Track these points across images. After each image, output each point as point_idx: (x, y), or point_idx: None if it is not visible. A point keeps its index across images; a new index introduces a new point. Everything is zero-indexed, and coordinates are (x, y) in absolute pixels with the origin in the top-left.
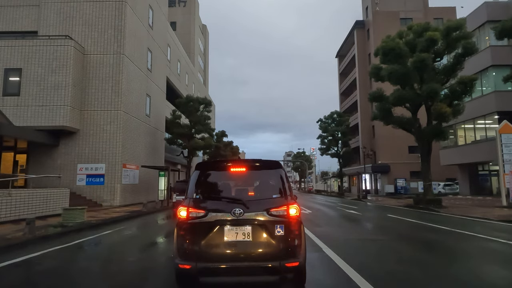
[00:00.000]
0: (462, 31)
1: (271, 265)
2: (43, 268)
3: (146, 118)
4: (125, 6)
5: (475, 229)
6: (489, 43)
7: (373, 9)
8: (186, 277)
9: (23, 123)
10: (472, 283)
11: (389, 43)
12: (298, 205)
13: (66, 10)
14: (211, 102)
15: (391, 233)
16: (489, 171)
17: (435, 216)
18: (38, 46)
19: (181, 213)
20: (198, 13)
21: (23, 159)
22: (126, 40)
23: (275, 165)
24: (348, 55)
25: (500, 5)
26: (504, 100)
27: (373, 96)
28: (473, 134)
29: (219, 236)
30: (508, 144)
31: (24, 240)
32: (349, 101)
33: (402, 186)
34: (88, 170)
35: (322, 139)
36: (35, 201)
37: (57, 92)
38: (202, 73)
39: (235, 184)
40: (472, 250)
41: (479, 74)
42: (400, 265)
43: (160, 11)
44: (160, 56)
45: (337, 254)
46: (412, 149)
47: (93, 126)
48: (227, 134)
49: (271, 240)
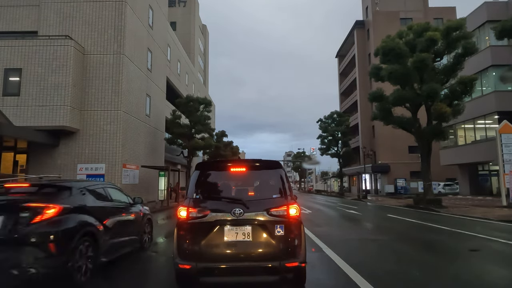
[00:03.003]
0: (462, 31)
1: (271, 265)
2: None
3: (146, 118)
4: (125, 6)
5: (475, 229)
6: (489, 43)
7: (373, 9)
8: (186, 277)
9: (23, 123)
10: (472, 283)
11: (389, 43)
12: (298, 205)
13: (66, 10)
14: (211, 102)
15: (391, 233)
16: (489, 171)
17: (435, 216)
18: (38, 46)
19: (181, 213)
20: (198, 13)
21: (23, 159)
22: (126, 40)
23: (275, 165)
24: (348, 55)
25: (500, 5)
26: (504, 100)
27: (373, 96)
28: (473, 134)
29: (219, 236)
30: (508, 144)
31: None
32: (349, 101)
33: (402, 186)
34: (88, 170)
35: (322, 139)
36: None
37: (57, 92)
38: (202, 73)
39: (235, 184)
40: (472, 250)
41: (479, 74)
42: (400, 265)
43: (160, 11)
44: (160, 56)
45: (337, 254)
46: (412, 149)
47: (93, 126)
48: (227, 134)
49: (271, 240)
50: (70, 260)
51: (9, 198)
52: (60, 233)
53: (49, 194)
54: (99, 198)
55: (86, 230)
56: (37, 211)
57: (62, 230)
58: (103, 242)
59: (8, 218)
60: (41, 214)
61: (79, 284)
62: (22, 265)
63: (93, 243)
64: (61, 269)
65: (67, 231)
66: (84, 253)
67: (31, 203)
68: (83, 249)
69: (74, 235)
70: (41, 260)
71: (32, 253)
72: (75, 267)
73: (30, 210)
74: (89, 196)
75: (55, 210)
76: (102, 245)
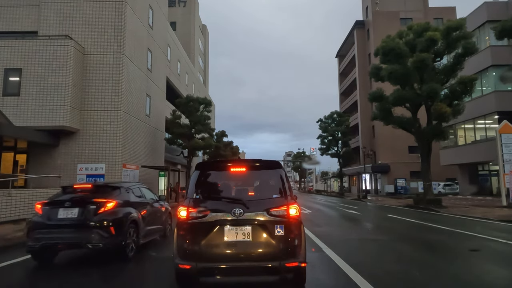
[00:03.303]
0: (462, 31)
1: (271, 265)
2: (43, 268)
3: (146, 118)
4: (125, 6)
5: (475, 229)
6: (489, 43)
7: (373, 9)
8: (186, 277)
9: (23, 123)
10: (472, 283)
11: (389, 43)
12: (298, 205)
13: (66, 10)
14: (211, 102)
15: (391, 233)
16: (489, 171)
17: (435, 216)
18: (38, 46)
19: (181, 213)
20: (198, 13)
21: (23, 159)
22: (126, 40)
23: (275, 165)
24: (348, 55)
25: (500, 5)
26: (504, 100)
27: (373, 96)
28: (473, 134)
29: (219, 236)
30: (508, 144)
31: (24, 240)
32: (349, 101)
33: (402, 186)
34: (88, 170)
35: (322, 139)
36: (35, 201)
37: (57, 92)
38: (202, 73)
39: (235, 184)
40: (472, 250)
41: (479, 74)
42: (400, 265)
43: (160, 11)
44: (160, 56)
45: (337, 254)
46: (412, 149)
47: (93, 126)
48: (227, 134)
49: (271, 240)
50: (124, 240)
51: (81, 195)
52: (117, 220)
53: (107, 192)
54: (137, 195)
55: (132, 218)
56: (101, 204)
57: (118, 218)
58: (141, 228)
59: (83, 210)
60: (104, 207)
61: (129, 257)
62: (93, 242)
63: (136, 228)
64: (118, 246)
65: (121, 219)
66: (131, 235)
67: (97, 198)
68: (131, 232)
69: (125, 222)
70: (105, 238)
71: (99, 234)
72: (126, 245)
73: (97, 204)
74: (131, 194)
75: (113, 204)
76: (141, 231)
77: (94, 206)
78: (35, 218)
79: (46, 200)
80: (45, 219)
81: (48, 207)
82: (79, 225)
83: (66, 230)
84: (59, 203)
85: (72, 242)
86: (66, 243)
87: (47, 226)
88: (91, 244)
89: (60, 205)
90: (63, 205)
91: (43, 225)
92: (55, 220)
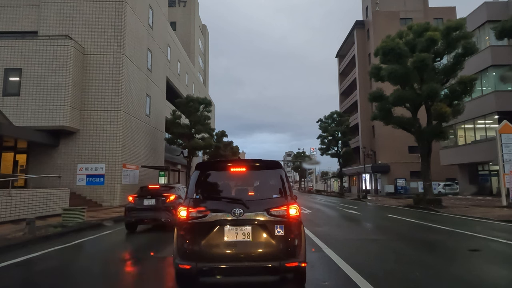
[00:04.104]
0: (462, 31)
1: (271, 265)
2: (43, 268)
3: (146, 118)
4: (125, 6)
5: (475, 229)
6: (489, 43)
7: (373, 9)
8: (186, 277)
9: (23, 123)
10: (472, 283)
11: (389, 43)
12: (298, 205)
13: (66, 10)
14: (211, 102)
15: (391, 233)
16: (489, 171)
17: (435, 216)
18: (38, 46)
19: (181, 213)
20: (198, 13)
21: (23, 159)
22: (126, 40)
23: (275, 165)
24: (348, 55)
25: (500, 5)
26: (504, 100)
27: (373, 96)
28: (473, 134)
29: (219, 236)
30: (508, 144)
31: (24, 240)
32: (349, 101)
33: (402, 186)
34: (88, 170)
35: (322, 139)
36: (35, 201)
37: (57, 92)
38: (202, 73)
39: (235, 184)
40: (472, 250)
41: (479, 74)
42: (400, 265)
43: (160, 11)
44: (160, 56)
45: (337, 254)
46: (412, 149)
47: (93, 126)
48: (227, 134)
49: (271, 240)
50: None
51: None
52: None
53: (168, 190)
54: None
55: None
56: (167, 197)
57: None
58: None
59: (157, 200)
60: (168, 198)
61: None
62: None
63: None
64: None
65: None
66: None
67: (165, 193)
68: None
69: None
70: (170, 216)
71: (167, 214)
72: None
73: (165, 197)
74: (181, 191)
75: (174, 197)
76: None
77: (164, 198)
78: (129, 205)
79: (135, 194)
80: (136, 205)
81: (137, 198)
82: (156, 208)
83: (148, 211)
84: (143, 196)
85: (152, 218)
86: (149, 218)
87: (137, 210)
88: (163, 219)
89: (144, 197)
90: (146, 197)
91: (134, 208)
92: (141, 205)
